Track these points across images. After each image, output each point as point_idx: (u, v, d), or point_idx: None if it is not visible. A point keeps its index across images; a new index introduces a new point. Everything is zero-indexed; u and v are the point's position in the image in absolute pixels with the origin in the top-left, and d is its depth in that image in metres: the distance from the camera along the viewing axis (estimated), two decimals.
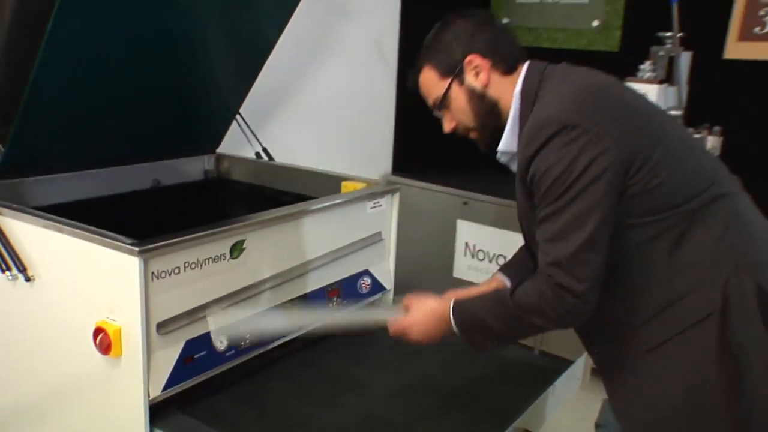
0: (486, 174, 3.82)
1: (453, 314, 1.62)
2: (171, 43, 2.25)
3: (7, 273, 1.84)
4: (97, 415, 1.81)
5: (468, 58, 1.59)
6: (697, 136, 3.12)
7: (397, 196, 2.42)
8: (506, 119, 1.61)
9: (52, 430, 1.95)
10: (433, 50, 1.64)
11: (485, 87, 1.60)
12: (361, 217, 2.31)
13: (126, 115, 2.32)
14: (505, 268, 1.91)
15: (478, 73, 1.60)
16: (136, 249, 1.59)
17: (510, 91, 1.60)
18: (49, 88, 1.97)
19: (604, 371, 1.62)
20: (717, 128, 3.16)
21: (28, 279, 1.83)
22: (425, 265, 3.83)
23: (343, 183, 2.41)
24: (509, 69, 1.61)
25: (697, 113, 3.21)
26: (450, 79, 1.62)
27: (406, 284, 2.52)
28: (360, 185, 2.38)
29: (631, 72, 3.12)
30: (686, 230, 1.45)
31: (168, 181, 2.66)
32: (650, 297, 1.48)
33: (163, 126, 2.52)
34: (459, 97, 1.63)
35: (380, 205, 2.36)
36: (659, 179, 1.43)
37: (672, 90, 3.15)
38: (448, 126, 1.70)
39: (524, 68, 1.61)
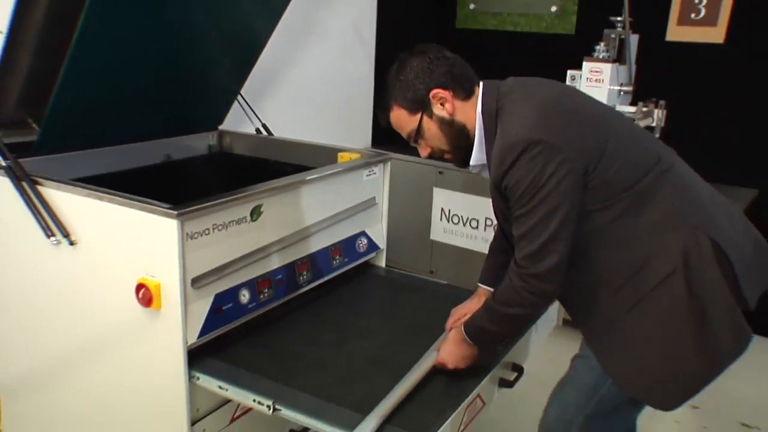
0: None
1: (466, 334, 1.76)
2: (180, 35, 2.35)
3: (52, 238, 1.92)
4: (141, 362, 1.92)
5: (432, 93, 1.67)
6: (644, 109, 3.30)
7: (388, 165, 2.55)
8: (474, 138, 1.70)
9: (102, 376, 2.05)
10: (398, 90, 1.70)
11: (452, 114, 1.69)
12: (358, 184, 2.44)
13: (141, 98, 2.41)
14: (483, 280, 2.06)
15: (443, 103, 1.68)
16: (175, 212, 1.70)
17: (473, 113, 1.69)
18: (79, 77, 2.06)
19: (589, 332, 1.74)
20: (662, 102, 3.34)
21: (71, 243, 1.92)
22: (406, 230, 3.93)
23: (340, 154, 2.52)
24: (468, 94, 1.70)
25: (644, 89, 3.40)
26: (420, 114, 1.70)
27: (389, 247, 2.66)
28: (355, 155, 2.50)
29: (587, 52, 3.25)
30: (643, 204, 1.60)
31: (177, 155, 2.75)
32: (622, 265, 1.62)
33: (173, 107, 2.61)
34: (431, 128, 1.71)
35: (374, 173, 2.49)
36: (613, 169, 1.57)
37: (623, 68, 3.31)
38: (424, 153, 1.80)
39: (479, 90, 1.70)
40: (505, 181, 1.57)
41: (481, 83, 1.72)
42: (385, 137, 4.32)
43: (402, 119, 1.73)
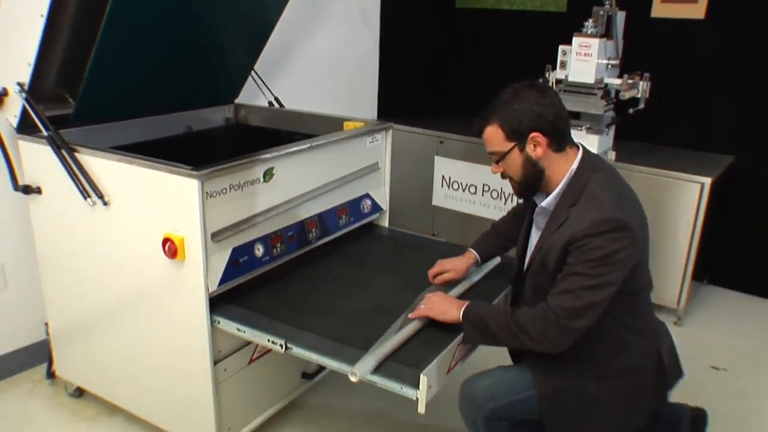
0: (457, 118, 4.01)
1: (466, 305, 1.82)
2: (200, 16, 2.44)
3: (88, 200, 2.04)
4: (169, 308, 2.04)
5: (532, 134, 1.71)
6: (630, 81, 3.35)
7: (390, 133, 2.64)
8: (546, 183, 1.77)
9: (137, 322, 2.18)
10: (504, 113, 1.73)
11: (539, 158, 1.74)
12: (362, 150, 2.53)
13: (164, 75, 2.51)
14: (476, 248, 2.19)
15: (536, 146, 1.72)
16: (196, 173, 1.81)
17: (558, 165, 1.75)
18: (108, 55, 2.16)
19: (545, 385, 1.82)
20: (647, 75, 3.39)
21: (105, 203, 2.04)
22: (409, 196, 4.04)
23: (345, 123, 2.61)
24: (560, 148, 1.75)
25: (631, 62, 3.45)
26: (513, 144, 1.73)
27: (395, 212, 2.75)
28: (359, 124, 2.59)
29: (577, 29, 3.30)
30: (633, 309, 1.79)
31: (198, 127, 2.86)
32: (599, 347, 1.77)
33: (193, 82, 2.71)
34: (516, 159, 1.75)
35: (377, 140, 2.58)
36: (638, 274, 1.74)
37: (610, 43, 3.35)
38: (496, 170, 1.82)
39: (579, 154, 1.77)
40: (584, 242, 1.63)
41: (580, 147, 1.80)
42: (388, 110, 4.43)
43: (496, 138, 1.76)
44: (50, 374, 2.62)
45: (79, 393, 2.56)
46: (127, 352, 2.25)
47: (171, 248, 1.91)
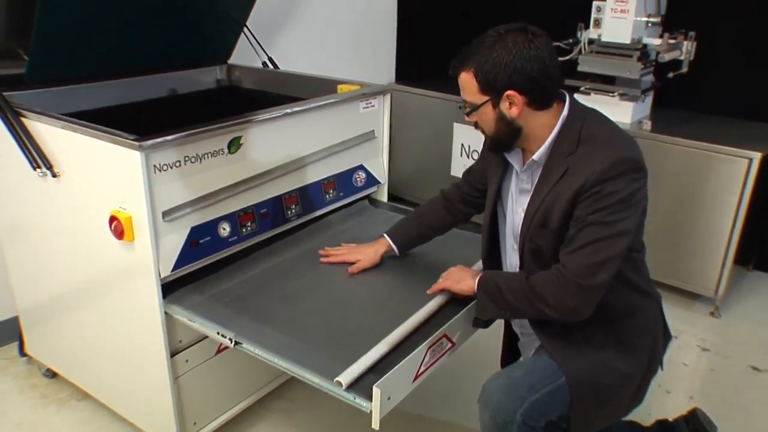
0: None
1: (480, 279, 1.64)
2: None
3: (38, 171, 1.82)
4: (122, 293, 1.82)
5: (507, 92, 1.47)
6: (671, 41, 2.97)
7: (388, 97, 2.32)
8: (526, 140, 1.55)
9: (91, 306, 1.97)
10: (482, 61, 1.47)
11: (514, 117, 1.50)
12: (355, 117, 2.23)
13: (142, 27, 2.23)
14: (392, 236, 1.96)
15: (511, 105, 1.49)
16: (138, 144, 1.56)
17: (541, 120, 1.52)
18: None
19: (571, 369, 1.61)
20: (692, 34, 3.00)
21: (54, 175, 1.82)
22: (426, 165, 3.75)
23: (340, 86, 2.32)
24: (544, 106, 1.51)
25: (675, 19, 3.05)
26: (487, 99, 1.50)
27: (410, 182, 2.46)
28: (354, 87, 2.29)
29: None
30: (637, 268, 1.63)
31: (184, 90, 2.59)
32: (611, 312, 1.58)
33: (178, 38, 2.43)
34: (488, 114, 1.52)
35: (372, 106, 2.27)
36: (642, 229, 1.59)
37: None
38: (469, 120, 1.61)
39: (567, 102, 1.55)
40: (599, 187, 1.44)
41: (567, 95, 1.56)
42: (407, 74, 4.11)
43: (469, 87, 1.52)
44: (23, 353, 2.46)
45: (52, 374, 2.39)
46: (90, 336, 2.04)
47: (117, 228, 1.67)
